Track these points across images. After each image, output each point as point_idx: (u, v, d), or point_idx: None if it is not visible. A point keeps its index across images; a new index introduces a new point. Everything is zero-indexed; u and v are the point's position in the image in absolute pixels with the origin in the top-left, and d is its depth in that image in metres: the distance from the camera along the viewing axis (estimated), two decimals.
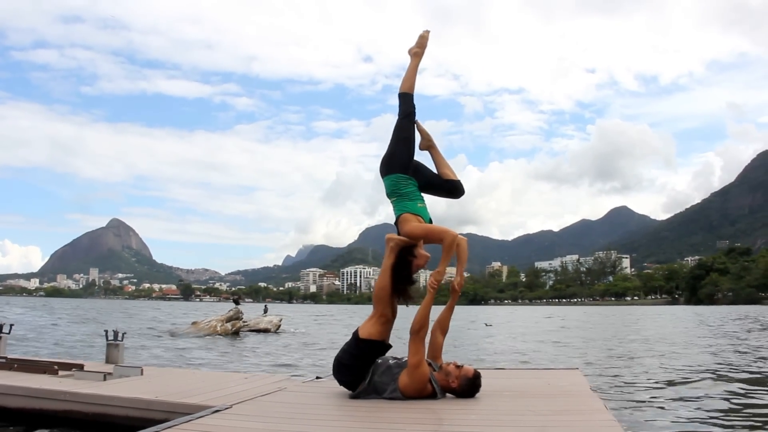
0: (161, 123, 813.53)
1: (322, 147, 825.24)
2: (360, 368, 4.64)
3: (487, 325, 31.23)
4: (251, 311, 29.32)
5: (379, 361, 4.62)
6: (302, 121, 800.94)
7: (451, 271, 4.94)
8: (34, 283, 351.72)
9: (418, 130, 5.24)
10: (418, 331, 4.46)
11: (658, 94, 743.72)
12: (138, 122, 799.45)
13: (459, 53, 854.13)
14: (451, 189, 5.20)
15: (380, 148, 5.03)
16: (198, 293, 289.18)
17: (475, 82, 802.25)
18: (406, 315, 4.82)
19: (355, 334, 4.76)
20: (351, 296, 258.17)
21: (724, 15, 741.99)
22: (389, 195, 4.94)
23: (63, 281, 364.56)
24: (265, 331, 22.93)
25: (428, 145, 5.29)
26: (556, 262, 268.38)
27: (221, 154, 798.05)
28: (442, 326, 5.03)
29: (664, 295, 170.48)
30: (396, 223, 4.90)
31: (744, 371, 10.45)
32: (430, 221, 4.91)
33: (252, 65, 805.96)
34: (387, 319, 4.71)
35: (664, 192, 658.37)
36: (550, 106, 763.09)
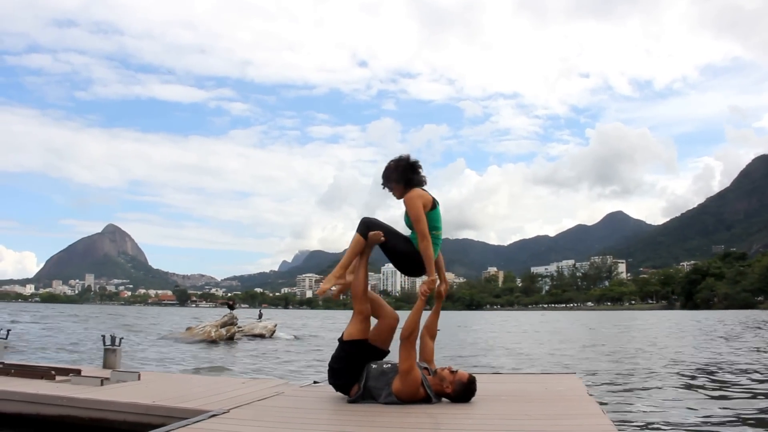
0: (156, 128, 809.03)
1: (318, 152, 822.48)
2: (350, 370, 4.69)
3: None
4: (246, 317, 29.25)
5: (374, 366, 4.65)
6: (297, 126, 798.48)
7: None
8: (29, 289, 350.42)
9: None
10: (407, 336, 4.50)
11: (653, 99, 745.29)
12: (132, 127, 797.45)
13: (453, 58, 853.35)
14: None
15: (375, 152, 5.05)
16: (194, 299, 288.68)
17: (470, 87, 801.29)
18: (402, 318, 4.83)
19: (340, 338, 4.84)
20: (347, 301, 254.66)
21: (717, 19, 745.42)
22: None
23: (58, 287, 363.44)
24: (260, 336, 22.87)
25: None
26: (552, 267, 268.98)
27: (216, 160, 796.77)
28: (431, 331, 5.12)
29: (660, 300, 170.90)
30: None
31: (742, 375, 10.48)
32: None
33: (247, 70, 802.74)
34: (365, 317, 4.79)
35: (663, 196, 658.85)
36: (545, 111, 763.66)
